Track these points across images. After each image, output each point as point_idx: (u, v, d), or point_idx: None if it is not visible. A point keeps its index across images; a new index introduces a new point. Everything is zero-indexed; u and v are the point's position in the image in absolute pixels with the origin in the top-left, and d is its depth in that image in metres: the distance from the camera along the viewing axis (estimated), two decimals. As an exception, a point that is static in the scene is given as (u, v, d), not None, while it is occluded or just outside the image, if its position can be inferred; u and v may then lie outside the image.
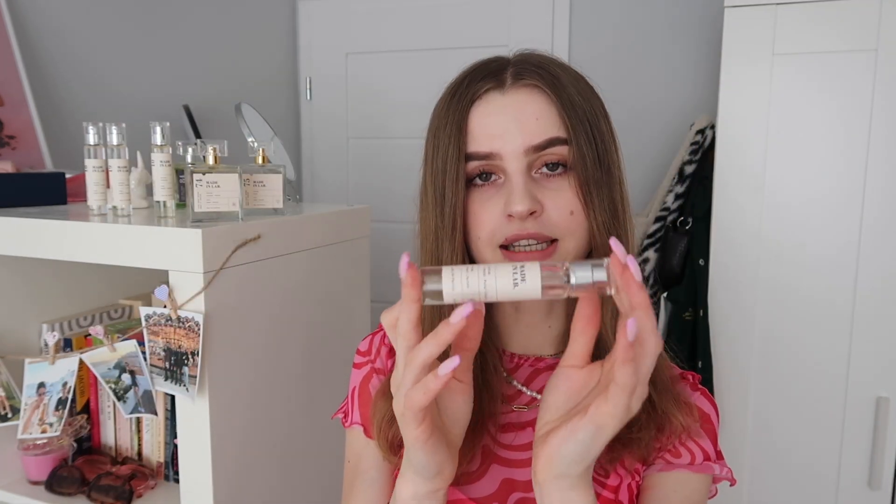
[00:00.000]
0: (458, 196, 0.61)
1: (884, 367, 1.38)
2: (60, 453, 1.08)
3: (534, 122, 0.60)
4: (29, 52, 1.35)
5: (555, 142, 0.60)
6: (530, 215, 0.59)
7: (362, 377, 0.73)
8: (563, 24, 1.91)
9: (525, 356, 0.68)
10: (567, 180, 0.60)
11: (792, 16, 1.35)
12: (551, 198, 0.60)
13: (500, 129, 0.60)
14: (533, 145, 0.59)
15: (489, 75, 0.62)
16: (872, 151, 1.34)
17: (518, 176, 0.59)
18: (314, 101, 2.22)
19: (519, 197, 0.58)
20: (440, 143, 0.62)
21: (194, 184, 0.88)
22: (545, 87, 0.60)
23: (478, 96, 0.61)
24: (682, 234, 1.58)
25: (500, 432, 0.65)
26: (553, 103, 0.60)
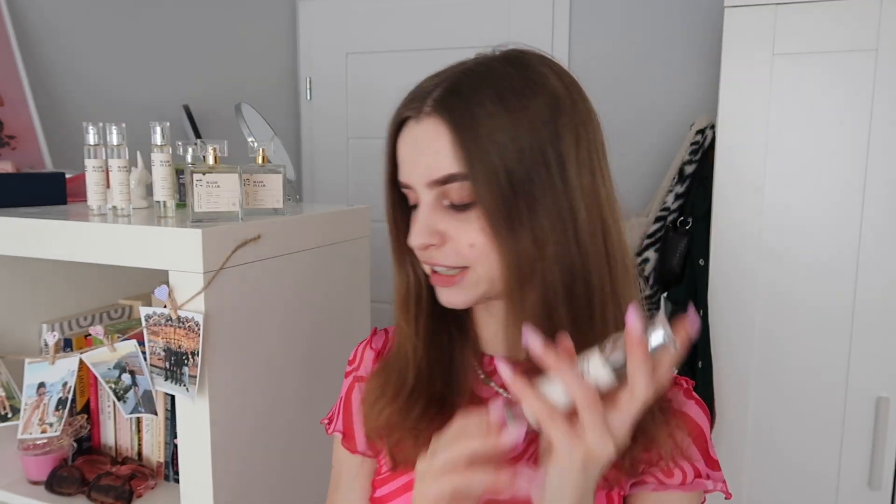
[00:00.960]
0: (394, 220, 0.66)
1: (884, 367, 1.38)
2: (60, 453, 1.08)
3: (433, 155, 0.58)
4: (29, 52, 1.35)
5: (452, 178, 0.58)
6: (432, 246, 0.60)
7: (347, 387, 0.76)
8: (563, 25, 1.91)
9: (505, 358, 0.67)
10: (472, 214, 0.58)
11: (792, 15, 1.35)
12: (455, 229, 0.59)
13: (410, 159, 0.61)
14: (433, 180, 0.59)
15: (414, 100, 0.61)
16: (873, 151, 1.34)
17: (423, 208, 0.60)
18: (314, 101, 2.22)
19: (414, 231, 0.60)
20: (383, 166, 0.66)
21: (194, 184, 0.88)
22: (449, 118, 0.57)
23: (402, 122, 0.62)
24: (682, 234, 1.58)
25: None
26: (453, 137, 0.57)
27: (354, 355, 0.77)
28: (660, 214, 1.64)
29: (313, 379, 1.11)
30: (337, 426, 0.76)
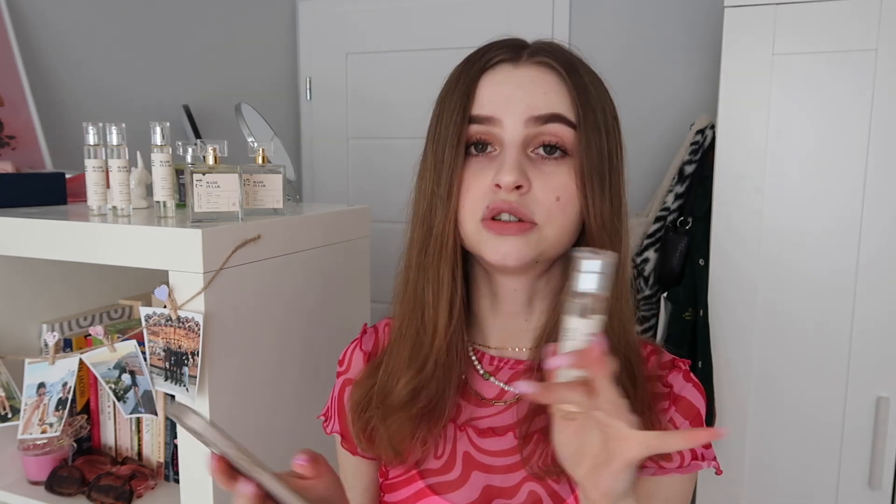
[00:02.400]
0: (458, 160, 0.60)
1: (884, 366, 1.38)
2: (60, 453, 1.08)
3: (541, 94, 0.59)
4: (29, 52, 1.35)
5: (557, 118, 0.59)
6: (516, 189, 0.58)
7: (338, 388, 0.75)
8: (563, 25, 1.91)
9: (504, 359, 0.67)
10: (562, 167, 0.59)
11: (792, 16, 1.35)
12: (541, 178, 0.59)
13: (504, 95, 0.59)
14: (534, 116, 0.58)
15: (505, 48, 0.61)
16: (873, 151, 1.34)
17: (512, 148, 0.59)
18: (314, 101, 2.22)
19: (508, 168, 0.57)
20: (446, 107, 0.61)
21: (194, 184, 0.88)
22: (559, 66, 0.60)
23: (490, 66, 0.61)
24: (682, 233, 1.58)
25: (480, 437, 0.65)
26: (564, 83, 0.59)
27: (344, 356, 0.76)
28: (660, 214, 1.64)
29: (313, 379, 1.11)
30: (335, 427, 0.75)
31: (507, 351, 0.68)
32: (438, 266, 0.62)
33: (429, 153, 0.63)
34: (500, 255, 0.59)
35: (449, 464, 0.65)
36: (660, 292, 1.62)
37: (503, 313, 0.67)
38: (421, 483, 0.65)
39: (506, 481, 0.63)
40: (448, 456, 0.65)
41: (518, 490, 0.63)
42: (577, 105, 0.59)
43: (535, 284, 0.65)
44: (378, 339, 0.75)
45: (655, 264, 1.64)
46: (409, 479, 0.66)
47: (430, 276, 0.63)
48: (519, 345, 0.67)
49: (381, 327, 0.76)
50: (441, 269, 0.62)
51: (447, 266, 0.62)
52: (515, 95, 0.59)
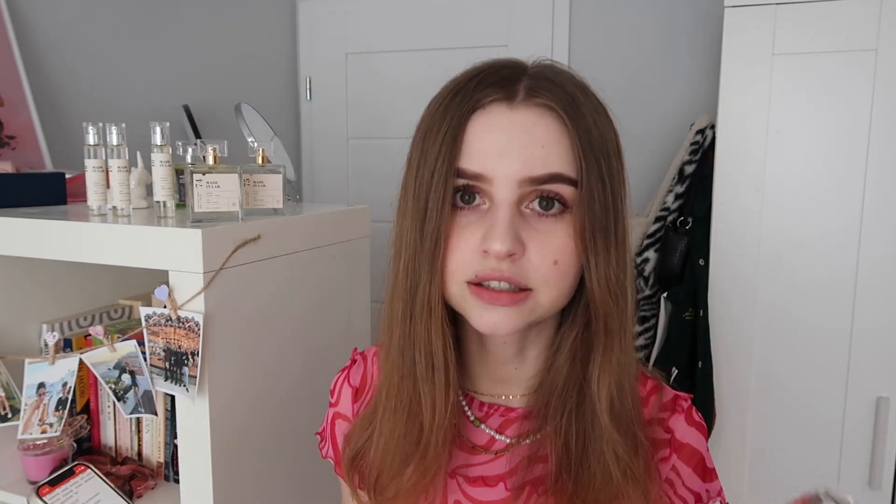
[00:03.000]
0: (444, 216, 0.53)
1: (884, 366, 1.38)
2: (60, 453, 1.08)
3: (539, 149, 0.51)
4: (29, 52, 1.35)
5: (558, 178, 0.52)
6: (508, 257, 0.51)
7: (330, 418, 0.73)
8: (563, 25, 1.91)
9: (495, 405, 0.64)
10: (560, 224, 0.53)
11: (792, 16, 1.35)
12: (537, 241, 0.52)
13: (497, 148, 0.52)
14: (531, 177, 0.51)
15: (498, 83, 0.53)
16: (872, 151, 1.34)
17: (504, 209, 0.51)
18: (314, 101, 2.22)
19: (500, 234, 0.50)
20: (430, 148, 0.54)
21: (194, 184, 0.88)
22: (561, 111, 0.52)
23: (481, 105, 0.53)
24: (682, 233, 1.58)
25: (471, 486, 0.61)
26: (566, 133, 0.52)
27: (334, 388, 0.73)
28: (660, 214, 1.64)
29: (313, 379, 1.11)
30: (328, 453, 0.74)
31: (498, 398, 0.64)
32: (430, 335, 0.56)
33: (409, 198, 0.55)
34: (490, 325, 0.54)
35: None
36: (660, 292, 1.62)
37: (492, 363, 0.63)
38: None
39: None
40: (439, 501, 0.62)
41: None
42: (579, 159, 0.52)
43: (526, 336, 0.61)
44: (366, 371, 0.71)
45: (655, 264, 1.64)
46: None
47: (420, 344, 0.57)
48: (510, 392, 0.63)
49: (370, 357, 0.72)
50: (433, 339, 0.56)
51: (438, 335, 0.56)
52: (510, 149, 0.51)
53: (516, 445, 0.61)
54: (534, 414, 0.60)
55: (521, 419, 0.62)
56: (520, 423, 0.62)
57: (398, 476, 0.59)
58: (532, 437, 0.60)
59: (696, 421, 0.62)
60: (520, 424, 0.62)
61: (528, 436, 0.60)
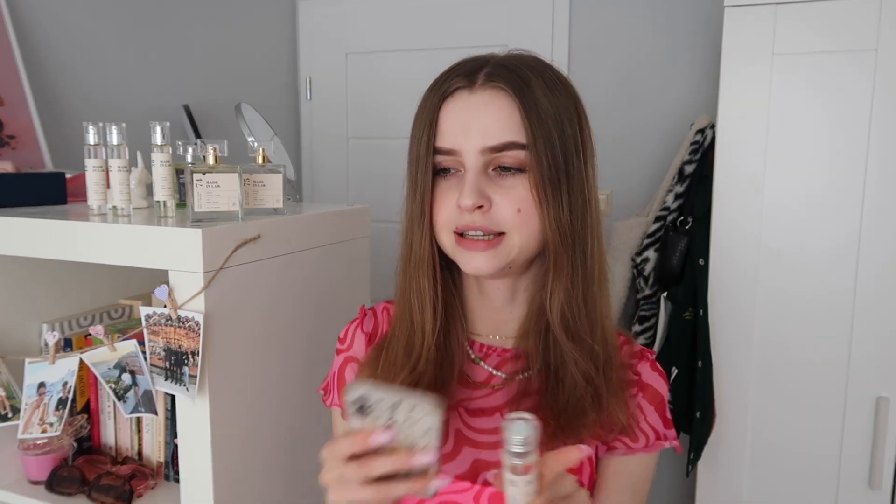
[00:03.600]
0: (427, 184, 0.67)
1: (884, 366, 1.38)
2: (61, 453, 1.08)
3: (494, 123, 0.64)
4: (29, 52, 1.35)
5: (511, 146, 0.64)
6: (478, 209, 0.64)
7: (340, 364, 0.81)
8: (563, 25, 1.91)
9: (493, 347, 0.75)
10: (520, 180, 0.65)
11: (792, 16, 1.35)
12: (501, 195, 0.65)
13: (461, 126, 0.65)
14: (488, 146, 0.64)
15: (463, 74, 0.66)
16: (872, 151, 1.34)
17: (472, 173, 0.65)
18: (314, 100, 2.22)
19: (467, 192, 0.64)
20: (415, 133, 0.68)
21: (194, 184, 0.88)
22: (510, 89, 0.64)
23: (449, 93, 0.66)
24: (682, 233, 1.58)
25: (471, 416, 0.72)
26: (516, 107, 0.64)
27: (346, 334, 0.82)
28: (660, 214, 1.64)
29: (313, 378, 1.11)
30: (334, 400, 0.81)
31: (494, 339, 0.75)
32: (419, 277, 0.70)
33: (408, 170, 0.69)
34: (472, 267, 0.67)
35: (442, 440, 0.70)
36: (660, 292, 1.62)
37: (488, 307, 0.75)
38: None
39: (493, 456, 0.69)
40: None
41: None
42: (527, 126, 0.63)
43: (516, 283, 0.73)
44: (377, 321, 0.82)
45: (655, 264, 1.64)
46: None
47: (413, 286, 0.71)
48: (505, 334, 0.75)
49: (380, 311, 0.82)
50: (422, 280, 0.70)
51: (426, 277, 0.70)
52: (470, 125, 0.64)
53: (510, 381, 0.73)
54: (522, 354, 0.72)
55: (513, 359, 0.74)
56: (514, 362, 0.73)
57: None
58: (522, 374, 0.72)
59: (660, 370, 0.75)
60: (514, 362, 0.73)
61: (520, 373, 0.72)
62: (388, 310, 0.82)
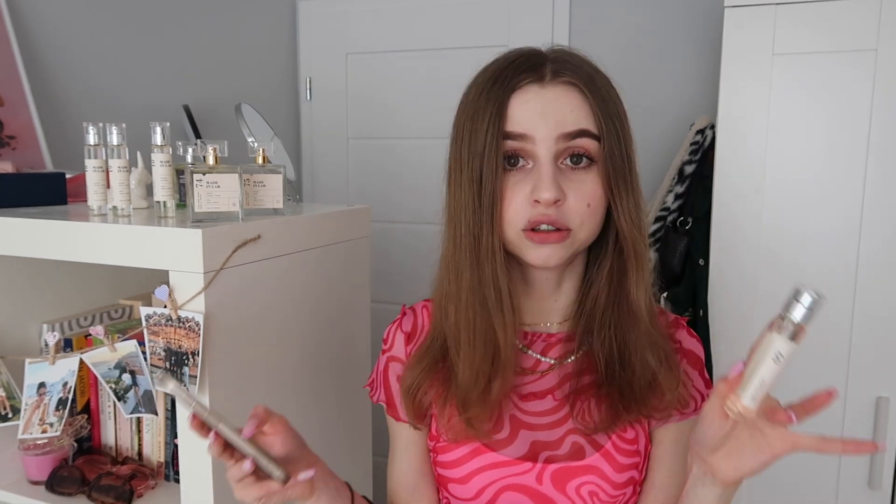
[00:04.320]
0: (497, 174, 0.66)
1: (884, 367, 1.38)
2: (61, 453, 1.08)
3: (568, 112, 0.65)
4: (29, 52, 1.35)
5: (585, 133, 0.65)
6: (554, 203, 0.65)
7: (384, 364, 0.84)
8: (563, 25, 1.91)
9: (537, 333, 0.78)
10: (590, 174, 0.67)
11: (792, 16, 1.35)
12: (573, 189, 0.66)
13: (536, 114, 0.65)
14: (565, 132, 0.65)
15: (530, 69, 0.67)
16: (872, 152, 1.34)
17: (547, 164, 0.65)
18: (314, 101, 2.22)
19: (547, 184, 0.64)
20: (478, 125, 0.66)
21: (194, 184, 0.88)
22: (581, 84, 0.66)
23: (519, 86, 0.66)
24: (682, 233, 1.58)
25: (523, 401, 0.75)
26: (587, 100, 0.66)
27: (388, 335, 0.84)
28: (660, 214, 1.64)
29: (313, 379, 1.12)
30: (380, 397, 0.84)
31: (538, 326, 0.78)
32: (496, 274, 0.69)
33: (463, 169, 0.68)
34: (542, 259, 0.67)
35: (498, 425, 0.74)
36: (660, 292, 1.62)
37: (535, 296, 0.77)
38: (476, 442, 0.74)
39: (550, 436, 0.74)
40: (496, 419, 0.74)
41: (562, 442, 0.74)
42: (598, 119, 0.65)
43: (563, 272, 0.75)
44: (416, 320, 0.83)
45: (655, 264, 1.63)
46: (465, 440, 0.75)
47: (488, 283, 0.69)
48: (549, 321, 0.78)
49: (419, 309, 0.84)
50: (499, 277, 0.69)
51: (503, 273, 0.69)
52: (546, 114, 0.65)
53: (559, 365, 0.76)
54: (573, 336, 0.76)
55: (563, 342, 0.77)
56: (562, 346, 0.77)
57: (486, 393, 0.71)
58: (575, 354, 0.76)
59: (695, 334, 0.80)
60: (561, 346, 0.77)
61: (571, 355, 0.76)
62: (428, 308, 0.83)
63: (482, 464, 0.74)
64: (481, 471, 0.74)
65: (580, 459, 0.72)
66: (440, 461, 0.77)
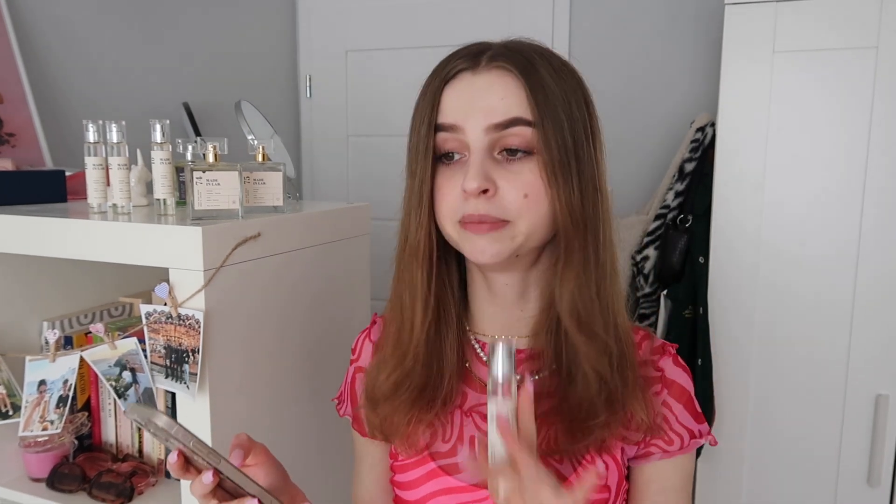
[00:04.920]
0: (427, 168, 0.63)
1: (883, 364, 1.38)
2: (61, 451, 1.08)
3: (499, 101, 0.61)
4: (29, 49, 1.35)
5: (517, 122, 0.61)
6: (483, 194, 0.61)
7: (351, 375, 0.81)
8: (564, 22, 1.90)
9: None
10: (527, 164, 0.62)
11: (792, 13, 1.35)
12: (507, 179, 0.61)
13: (465, 103, 0.62)
14: (494, 123, 0.61)
15: (465, 57, 0.64)
16: (873, 149, 1.34)
17: (477, 154, 0.61)
18: (314, 98, 2.22)
19: (472, 174, 0.60)
20: (416, 119, 0.65)
21: (194, 181, 0.88)
22: (515, 69, 0.61)
23: (451, 75, 0.64)
24: (682, 231, 1.58)
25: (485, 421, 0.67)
26: (521, 85, 0.61)
27: (356, 346, 0.82)
28: (660, 212, 1.64)
29: (314, 376, 1.12)
30: (347, 410, 0.82)
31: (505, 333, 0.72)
32: (412, 270, 0.67)
33: (407, 164, 0.66)
34: (477, 251, 0.63)
35: (456, 447, 0.69)
36: (660, 290, 1.62)
37: (499, 305, 0.71)
38: (432, 464, 0.70)
39: None
40: (455, 439, 0.70)
41: None
42: (533, 105, 0.60)
43: (527, 277, 0.69)
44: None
45: (655, 262, 1.64)
46: (421, 461, 0.70)
47: (405, 279, 0.67)
48: (517, 333, 0.71)
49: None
50: (414, 273, 0.66)
51: (420, 270, 0.66)
52: (475, 102, 0.61)
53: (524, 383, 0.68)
54: (537, 355, 0.69)
55: (527, 360, 0.70)
56: (527, 364, 0.70)
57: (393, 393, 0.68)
58: (539, 374, 0.69)
59: (682, 364, 0.71)
60: (527, 364, 0.70)
61: (534, 374, 0.69)
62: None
63: (437, 487, 0.69)
64: (437, 495, 0.69)
65: None
66: (397, 481, 0.73)
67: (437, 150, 0.64)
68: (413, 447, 0.70)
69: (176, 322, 0.86)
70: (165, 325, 0.87)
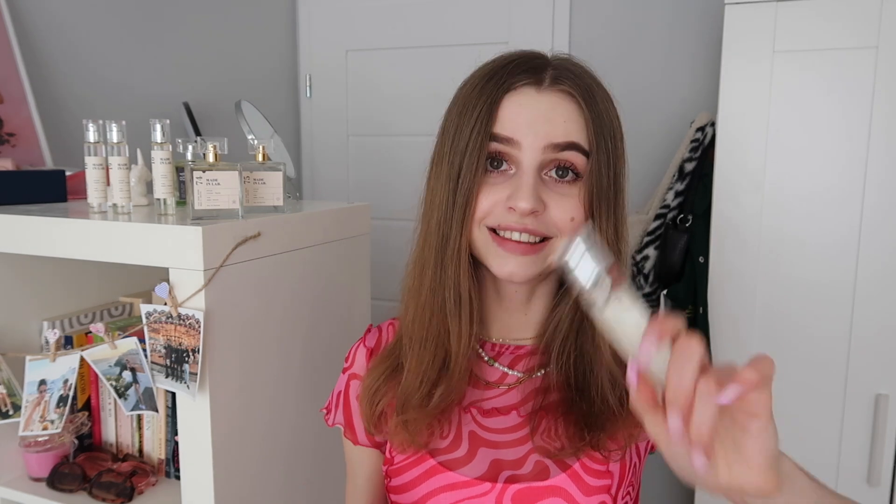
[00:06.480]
0: (477, 174, 0.63)
1: (883, 364, 1.38)
2: (62, 450, 1.08)
3: (561, 123, 0.62)
4: (29, 49, 1.35)
5: (574, 147, 0.62)
6: (531, 214, 0.61)
7: (344, 384, 0.80)
8: (564, 22, 1.90)
9: (506, 345, 0.73)
10: (574, 189, 0.63)
11: (792, 12, 1.35)
12: (556, 200, 0.62)
13: (527, 119, 0.62)
14: (554, 143, 0.62)
15: (529, 70, 0.64)
16: (873, 149, 1.34)
17: (528, 173, 0.61)
18: (314, 98, 2.22)
19: (525, 194, 0.60)
20: (466, 120, 0.63)
21: (194, 181, 0.88)
22: (579, 96, 0.63)
23: (514, 87, 0.63)
24: (682, 231, 1.58)
25: (485, 417, 0.70)
26: (583, 113, 0.63)
27: (349, 355, 0.81)
28: (660, 212, 1.64)
29: (314, 376, 1.12)
30: (337, 419, 0.80)
31: (508, 339, 0.74)
32: (459, 278, 0.66)
33: (444, 162, 0.65)
34: (506, 272, 0.63)
35: (455, 442, 0.70)
36: (659, 290, 1.62)
37: (505, 308, 0.72)
38: (432, 461, 0.69)
39: (512, 454, 0.68)
40: (454, 436, 0.70)
41: (525, 461, 0.68)
42: (591, 134, 0.62)
43: (536, 287, 0.71)
44: (381, 337, 0.80)
45: (655, 262, 1.64)
46: (419, 459, 0.70)
47: (449, 285, 0.66)
48: (519, 335, 0.73)
49: (385, 327, 0.81)
50: (461, 281, 0.66)
51: (466, 278, 0.66)
52: (537, 121, 0.62)
53: (527, 379, 0.71)
54: (542, 350, 0.70)
55: (531, 355, 0.72)
56: (529, 359, 0.71)
57: (426, 398, 0.67)
58: (544, 369, 0.71)
59: None
60: (529, 360, 0.71)
61: (539, 369, 0.71)
62: (395, 325, 0.79)
63: (438, 485, 0.68)
64: (437, 492, 0.68)
65: (544, 479, 0.66)
66: (393, 486, 0.72)
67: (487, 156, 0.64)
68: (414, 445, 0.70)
69: (176, 322, 0.86)
70: (165, 325, 0.87)
